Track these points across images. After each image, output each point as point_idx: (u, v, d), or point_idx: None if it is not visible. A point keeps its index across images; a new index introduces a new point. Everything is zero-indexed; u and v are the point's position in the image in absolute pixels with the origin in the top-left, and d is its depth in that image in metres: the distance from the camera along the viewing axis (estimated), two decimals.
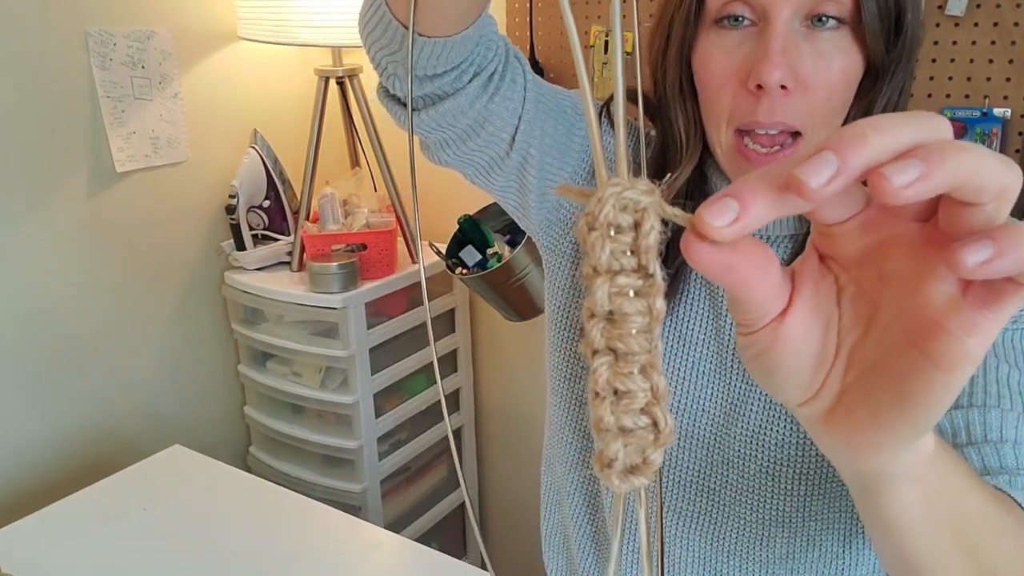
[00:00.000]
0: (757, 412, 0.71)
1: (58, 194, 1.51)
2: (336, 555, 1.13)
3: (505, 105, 0.67)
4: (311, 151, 1.72)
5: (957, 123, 1.23)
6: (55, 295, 1.53)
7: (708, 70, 0.64)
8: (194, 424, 1.81)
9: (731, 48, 0.63)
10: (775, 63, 0.59)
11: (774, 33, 0.60)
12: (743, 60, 0.61)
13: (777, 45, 0.59)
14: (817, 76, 0.61)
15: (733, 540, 0.73)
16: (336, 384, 1.70)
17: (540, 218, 0.78)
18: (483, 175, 0.74)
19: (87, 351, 1.60)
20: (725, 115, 0.64)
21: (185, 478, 1.33)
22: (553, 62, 1.60)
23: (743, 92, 0.62)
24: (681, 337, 0.74)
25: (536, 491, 0.95)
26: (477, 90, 0.64)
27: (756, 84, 0.60)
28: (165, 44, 1.61)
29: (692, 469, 0.75)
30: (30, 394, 1.52)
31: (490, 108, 0.66)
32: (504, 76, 0.66)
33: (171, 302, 1.74)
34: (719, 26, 0.63)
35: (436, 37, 0.58)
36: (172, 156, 1.67)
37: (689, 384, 0.74)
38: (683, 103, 0.69)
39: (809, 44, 0.60)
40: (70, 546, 1.15)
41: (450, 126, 0.66)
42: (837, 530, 0.71)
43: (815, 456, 0.68)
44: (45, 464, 1.56)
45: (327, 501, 1.26)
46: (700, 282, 0.74)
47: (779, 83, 0.59)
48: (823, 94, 0.61)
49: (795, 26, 0.60)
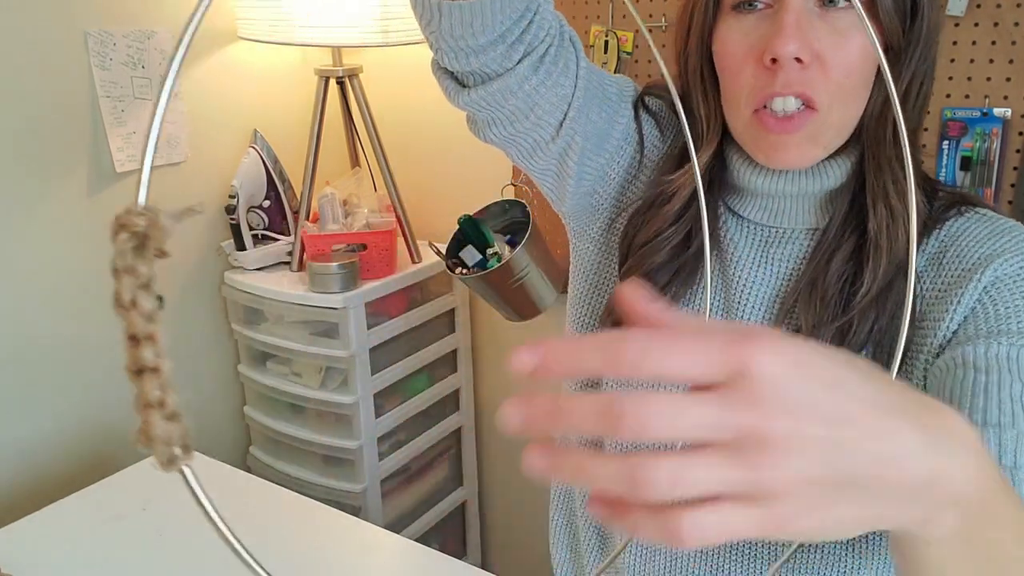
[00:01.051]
0: None
1: (58, 193, 1.51)
2: (336, 555, 1.13)
3: (556, 91, 0.67)
4: (311, 151, 1.72)
5: (957, 123, 1.23)
6: (55, 294, 1.53)
7: (727, 52, 0.66)
8: (194, 424, 1.79)
9: (748, 30, 0.64)
10: (788, 35, 0.60)
11: (788, 9, 0.61)
12: (759, 40, 0.63)
13: (791, 19, 0.60)
14: (834, 53, 0.61)
15: (736, 540, 0.73)
16: (336, 384, 1.70)
17: (574, 203, 0.79)
18: (526, 157, 0.74)
19: (87, 350, 1.60)
20: (744, 94, 0.65)
21: None
22: None
23: (760, 69, 0.63)
24: None
25: (536, 490, 0.95)
26: (527, 71, 0.64)
27: (771, 58, 0.61)
28: (165, 44, 1.61)
29: None
30: (29, 394, 1.52)
31: (540, 92, 0.66)
32: (557, 60, 0.66)
33: (171, 302, 1.74)
34: (737, 11, 0.65)
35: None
36: (172, 156, 1.67)
37: None
38: (704, 91, 0.71)
39: (825, 23, 0.62)
40: (70, 546, 1.15)
41: (499, 105, 0.66)
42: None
43: None
44: (45, 464, 1.56)
45: (327, 501, 1.26)
46: (717, 269, 0.75)
47: (793, 55, 0.60)
48: (842, 71, 0.62)
49: (809, 5, 0.62)
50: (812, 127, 0.64)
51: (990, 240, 0.66)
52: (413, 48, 1.76)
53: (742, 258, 0.73)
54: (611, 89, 0.75)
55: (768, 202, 0.72)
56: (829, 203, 0.70)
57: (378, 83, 1.85)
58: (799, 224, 0.72)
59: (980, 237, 0.66)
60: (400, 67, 1.86)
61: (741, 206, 0.74)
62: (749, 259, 0.73)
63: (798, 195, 0.70)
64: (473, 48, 0.61)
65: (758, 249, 0.73)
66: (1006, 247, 0.65)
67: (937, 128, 1.25)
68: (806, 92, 0.62)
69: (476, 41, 0.60)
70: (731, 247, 0.74)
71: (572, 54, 0.69)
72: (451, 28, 0.59)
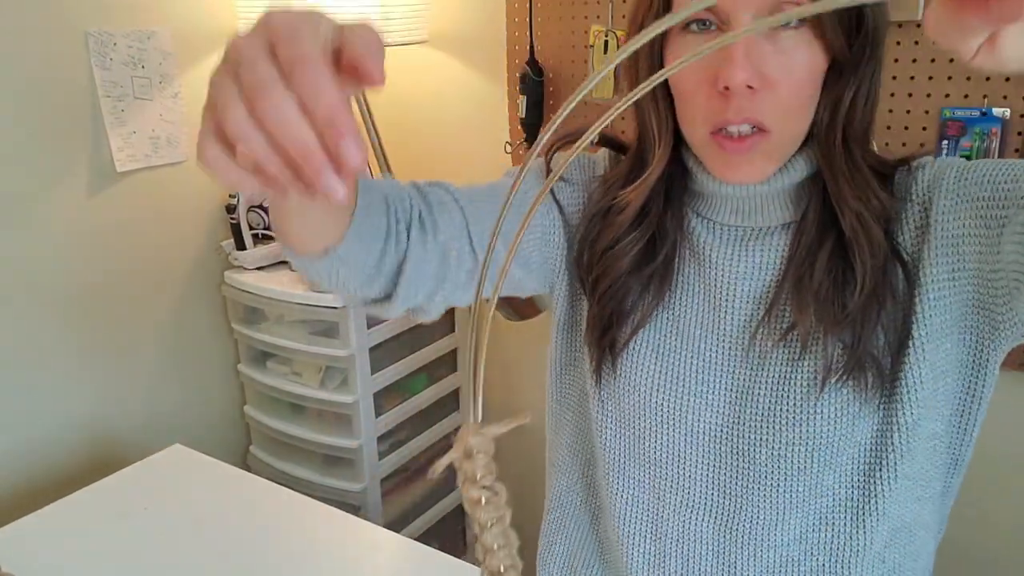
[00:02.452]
0: (765, 396, 0.71)
1: (59, 193, 1.51)
2: (336, 554, 1.13)
3: (451, 228, 0.69)
4: None
5: (956, 123, 1.24)
6: (55, 294, 1.54)
7: (681, 75, 0.66)
8: (194, 423, 1.82)
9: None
10: (739, 65, 0.61)
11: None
12: (710, 64, 0.63)
13: (740, 49, 0.61)
14: (781, 73, 0.62)
15: (747, 530, 0.74)
16: (336, 383, 1.70)
17: (536, 279, 0.80)
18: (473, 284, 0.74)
19: (87, 350, 1.60)
20: (699, 116, 0.66)
21: (185, 477, 1.33)
22: (552, 62, 1.60)
23: (714, 94, 0.64)
24: (679, 332, 0.75)
25: (536, 490, 0.95)
26: (419, 235, 0.66)
27: (724, 86, 0.62)
28: (165, 44, 1.62)
29: (701, 464, 0.75)
30: (30, 393, 1.52)
31: (439, 240, 0.67)
32: (432, 209, 0.68)
33: (171, 301, 1.74)
34: (687, 31, 0.65)
35: (338, 248, 0.58)
36: (172, 155, 1.67)
37: (690, 379, 0.74)
38: (655, 105, 0.71)
39: (771, 43, 0.62)
40: (70, 545, 1.15)
41: (427, 278, 0.68)
42: (848, 508, 0.71)
43: (826, 430, 0.69)
44: (45, 463, 1.56)
45: (327, 500, 1.26)
46: (695, 273, 0.75)
47: (745, 84, 0.61)
48: (791, 91, 0.63)
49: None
50: (765, 147, 0.66)
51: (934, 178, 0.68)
52: (412, 48, 1.76)
53: (720, 259, 0.74)
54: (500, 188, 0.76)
55: (739, 204, 0.72)
56: (800, 194, 0.71)
57: None
58: (773, 221, 0.72)
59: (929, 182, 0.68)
60: (399, 67, 1.86)
61: (711, 211, 0.74)
62: (727, 258, 0.74)
63: (768, 193, 0.71)
64: (374, 269, 0.63)
65: (735, 247, 0.74)
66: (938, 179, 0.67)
67: (936, 127, 1.26)
68: (756, 118, 0.63)
69: (369, 265, 0.63)
70: (706, 251, 0.74)
71: (438, 192, 0.70)
72: (344, 282, 0.62)
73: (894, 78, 1.27)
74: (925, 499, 0.73)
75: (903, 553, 0.74)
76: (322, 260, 0.58)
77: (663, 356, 0.75)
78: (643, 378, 0.75)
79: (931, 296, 0.66)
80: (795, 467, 0.70)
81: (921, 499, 0.73)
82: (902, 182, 0.70)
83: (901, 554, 0.74)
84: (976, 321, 0.67)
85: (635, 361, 0.76)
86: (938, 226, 0.66)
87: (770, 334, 0.71)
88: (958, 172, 0.67)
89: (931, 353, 0.67)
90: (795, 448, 0.70)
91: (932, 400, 0.69)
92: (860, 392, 0.68)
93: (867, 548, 0.71)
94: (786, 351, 0.70)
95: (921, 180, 0.68)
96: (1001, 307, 0.64)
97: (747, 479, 0.73)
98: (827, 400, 0.68)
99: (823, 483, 0.71)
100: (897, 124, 1.29)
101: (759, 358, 0.72)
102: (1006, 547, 1.42)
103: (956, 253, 0.66)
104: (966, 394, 0.71)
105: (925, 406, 0.68)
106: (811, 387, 0.69)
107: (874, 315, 0.66)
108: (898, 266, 0.67)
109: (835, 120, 0.67)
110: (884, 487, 0.70)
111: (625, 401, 0.77)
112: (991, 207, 0.64)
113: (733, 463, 0.74)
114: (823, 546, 0.73)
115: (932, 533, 0.78)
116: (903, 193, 0.69)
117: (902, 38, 1.25)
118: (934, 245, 0.66)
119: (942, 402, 0.70)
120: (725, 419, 0.73)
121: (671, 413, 0.75)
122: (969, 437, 0.73)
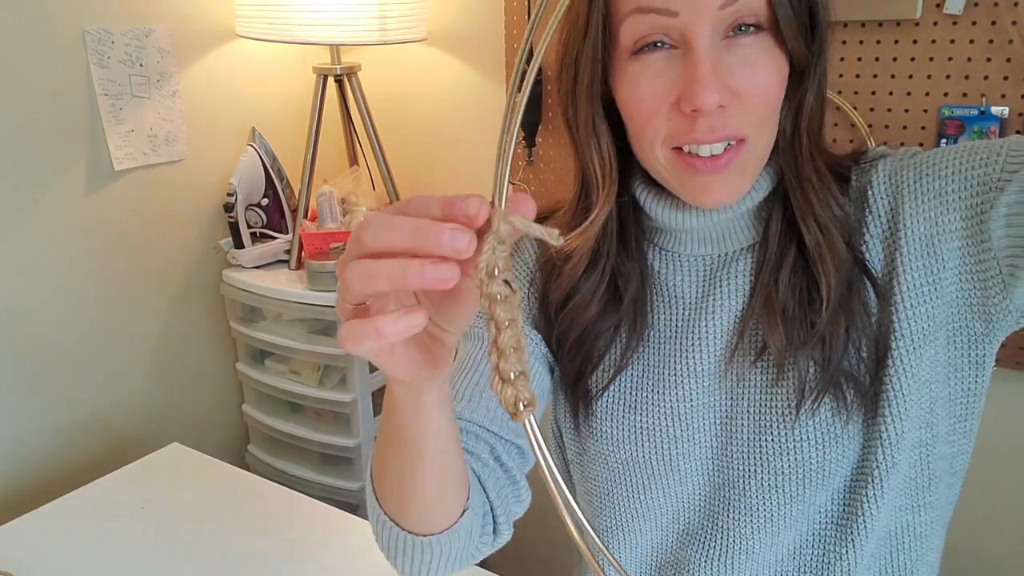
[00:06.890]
0: (748, 425, 0.70)
1: (56, 192, 1.51)
2: (334, 553, 1.13)
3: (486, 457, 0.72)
4: (309, 149, 1.72)
5: (955, 121, 1.24)
6: (53, 293, 1.53)
7: (636, 97, 0.62)
8: (192, 422, 1.81)
9: (658, 71, 0.61)
10: (708, 86, 0.57)
11: (700, 56, 0.58)
12: (671, 83, 0.60)
13: (706, 68, 0.58)
14: (749, 84, 0.60)
15: (741, 554, 0.73)
16: (334, 382, 1.70)
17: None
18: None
19: (85, 349, 1.60)
20: (660, 137, 0.62)
21: (183, 476, 1.33)
22: (551, 62, 1.59)
23: (677, 114, 0.60)
24: (654, 380, 0.73)
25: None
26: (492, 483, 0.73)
27: (692, 109, 0.59)
28: (163, 42, 1.61)
29: (694, 494, 0.74)
30: (28, 392, 1.52)
31: (495, 479, 0.74)
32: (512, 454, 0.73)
33: (169, 300, 1.74)
34: (640, 54, 0.61)
35: (446, 530, 0.62)
36: (170, 154, 1.67)
37: (672, 426, 0.72)
38: (596, 141, 0.67)
39: (733, 55, 0.59)
40: (68, 544, 1.15)
41: (503, 487, 0.74)
42: (839, 523, 0.71)
43: (814, 453, 0.68)
44: (43, 462, 1.56)
45: (325, 499, 1.26)
46: (666, 316, 0.73)
47: (716, 104, 0.58)
48: (760, 100, 0.61)
49: (716, 41, 0.59)
50: (743, 158, 0.62)
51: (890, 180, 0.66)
52: (411, 46, 1.76)
53: (690, 296, 0.72)
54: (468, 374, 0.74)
55: (704, 233, 0.70)
56: (760, 212, 0.69)
57: (376, 81, 1.85)
58: (738, 244, 0.70)
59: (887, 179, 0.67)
60: (398, 65, 1.86)
61: (676, 244, 0.72)
62: (696, 294, 0.71)
63: (732, 217, 0.68)
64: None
65: (703, 281, 0.71)
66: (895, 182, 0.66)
67: (935, 126, 1.26)
68: (730, 132, 0.60)
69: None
70: (673, 288, 0.72)
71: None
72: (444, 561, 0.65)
73: (893, 77, 1.27)
74: (919, 507, 0.72)
75: (897, 562, 0.74)
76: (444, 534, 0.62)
77: (641, 410, 0.73)
78: (624, 433, 0.74)
79: (908, 305, 0.65)
80: (788, 494, 0.69)
81: (914, 508, 0.72)
82: (858, 185, 0.68)
83: (895, 563, 0.74)
84: (965, 321, 0.65)
85: (612, 415, 0.74)
86: (907, 231, 0.64)
87: (745, 358, 0.69)
88: (916, 170, 0.65)
89: (914, 364, 0.65)
90: (787, 476, 0.69)
91: (916, 410, 0.67)
92: (841, 412, 0.66)
93: (858, 562, 0.71)
94: (763, 376, 0.69)
95: (877, 184, 0.66)
96: (995, 297, 0.63)
97: (739, 510, 0.72)
98: (810, 423, 0.67)
99: (815, 503, 0.70)
100: (896, 123, 1.29)
101: (737, 386, 0.70)
102: (1006, 547, 1.42)
103: (932, 255, 0.64)
104: (965, 395, 0.69)
105: (908, 418, 0.66)
106: (790, 410, 0.67)
107: (842, 331, 0.64)
108: (865, 279, 0.65)
109: (799, 127, 0.64)
110: (870, 503, 0.68)
111: (612, 458, 0.75)
112: (963, 197, 0.62)
113: (723, 496, 0.73)
114: (815, 561, 0.72)
115: (932, 537, 0.76)
116: (860, 199, 0.67)
117: (901, 38, 1.25)
118: (905, 252, 0.64)
119: (927, 410, 0.68)
120: (712, 453, 0.72)
121: (657, 465, 0.74)
122: (970, 434, 0.71)
